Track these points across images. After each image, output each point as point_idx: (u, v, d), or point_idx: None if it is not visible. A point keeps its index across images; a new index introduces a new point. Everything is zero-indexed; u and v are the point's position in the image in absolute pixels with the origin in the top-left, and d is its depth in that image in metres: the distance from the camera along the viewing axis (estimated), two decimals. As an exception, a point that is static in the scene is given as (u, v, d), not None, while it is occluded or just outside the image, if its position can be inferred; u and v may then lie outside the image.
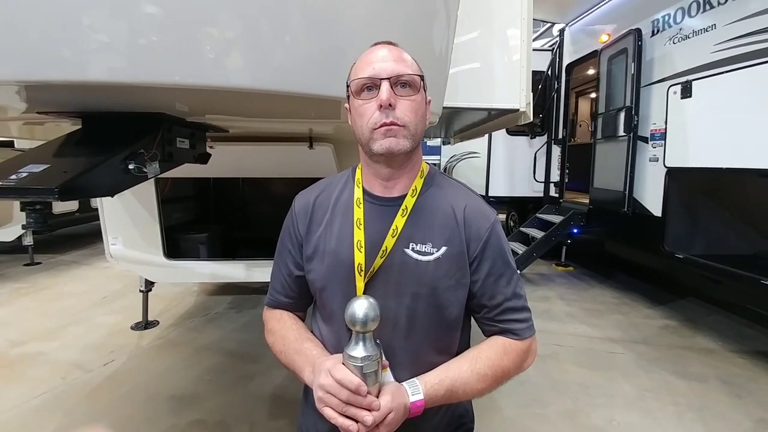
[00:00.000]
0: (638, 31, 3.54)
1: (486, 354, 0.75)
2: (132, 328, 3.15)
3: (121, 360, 2.65)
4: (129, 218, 2.81)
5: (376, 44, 0.76)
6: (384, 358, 0.70)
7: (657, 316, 3.57)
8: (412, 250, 0.75)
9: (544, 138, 5.47)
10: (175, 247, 2.94)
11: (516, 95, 2.35)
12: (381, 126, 0.69)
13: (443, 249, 0.75)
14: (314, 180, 0.97)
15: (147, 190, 2.72)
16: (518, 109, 2.34)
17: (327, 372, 0.65)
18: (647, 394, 2.35)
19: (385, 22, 1.17)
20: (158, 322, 3.26)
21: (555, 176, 5.34)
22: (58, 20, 0.78)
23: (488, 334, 0.81)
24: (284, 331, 0.82)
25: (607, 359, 2.79)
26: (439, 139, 7.52)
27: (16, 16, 0.76)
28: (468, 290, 0.77)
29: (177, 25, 0.85)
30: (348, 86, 0.75)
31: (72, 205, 5.59)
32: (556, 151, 5.31)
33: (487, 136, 5.40)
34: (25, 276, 4.51)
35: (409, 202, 0.77)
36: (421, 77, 0.73)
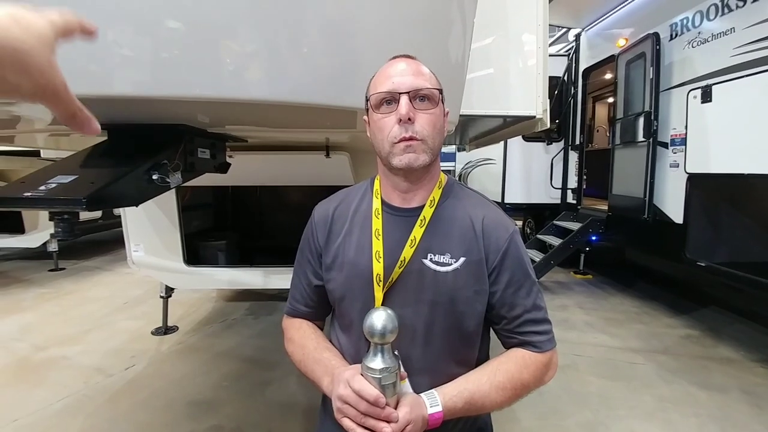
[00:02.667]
0: (656, 35, 3.49)
1: (505, 366, 0.75)
2: (152, 333, 3.21)
3: (141, 365, 2.70)
4: (150, 226, 2.88)
5: (394, 58, 0.77)
6: (402, 369, 0.70)
7: (678, 326, 3.46)
8: (431, 260, 0.75)
9: (561, 144, 5.40)
10: (194, 254, 3.00)
11: (532, 102, 2.34)
12: (401, 141, 0.70)
13: (462, 260, 0.75)
14: (331, 188, 0.99)
15: (168, 198, 2.79)
16: (534, 116, 2.32)
17: (346, 383, 0.65)
18: (668, 406, 2.28)
19: (401, 32, 1.18)
20: (177, 328, 3.32)
21: (572, 182, 5.26)
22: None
23: (508, 346, 0.80)
24: (303, 340, 0.83)
25: (628, 369, 2.71)
26: (453, 146, 7.51)
27: None
28: (487, 301, 0.77)
29: (198, 39, 0.88)
30: (367, 99, 0.76)
31: (95, 213, 5.75)
32: (573, 156, 5.23)
33: (502, 142, 5.37)
34: (50, 281, 4.65)
35: (427, 212, 0.77)
36: (440, 90, 0.74)
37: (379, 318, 0.63)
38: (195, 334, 3.23)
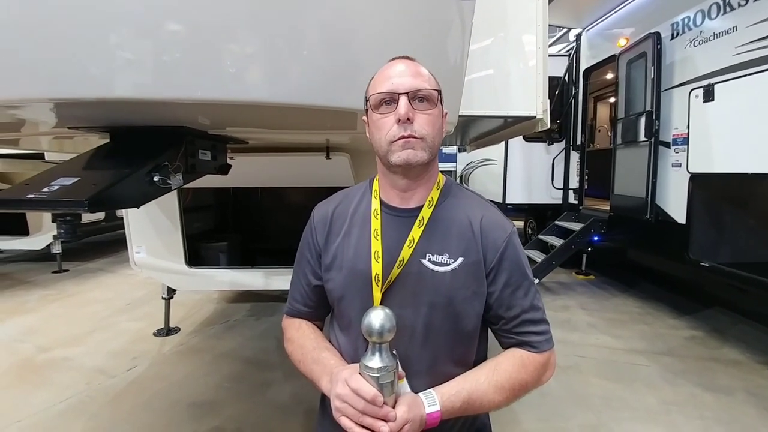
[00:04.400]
0: (657, 34, 3.48)
1: (503, 366, 0.75)
2: (154, 334, 3.22)
3: (143, 366, 2.71)
4: (153, 227, 2.89)
5: (394, 59, 0.77)
6: (400, 369, 0.70)
7: (682, 327, 3.44)
8: (429, 260, 0.75)
9: (562, 144, 5.39)
10: (196, 256, 3.01)
11: (532, 102, 2.33)
12: (399, 139, 0.71)
13: (460, 260, 0.75)
14: (332, 189, 0.99)
15: (170, 200, 2.81)
16: (535, 116, 2.32)
17: (344, 382, 0.66)
18: (672, 408, 2.27)
19: (400, 34, 1.19)
20: (179, 329, 3.33)
21: (574, 183, 5.25)
22: (86, 41, 0.82)
23: (506, 347, 0.80)
24: (303, 340, 0.83)
25: (631, 371, 2.70)
26: (455, 147, 7.51)
27: (48, 37, 0.80)
28: (485, 301, 0.77)
29: (198, 42, 0.89)
30: (366, 100, 0.76)
31: (98, 215, 5.78)
32: (575, 157, 5.23)
33: (503, 142, 5.37)
34: (54, 283, 4.68)
35: (425, 212, 0.77)
36: (439, 92, 0.75)
37: (377, 317, 0.64)
38: (197, 335, 3.24)
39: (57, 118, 1.19)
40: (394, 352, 0.67)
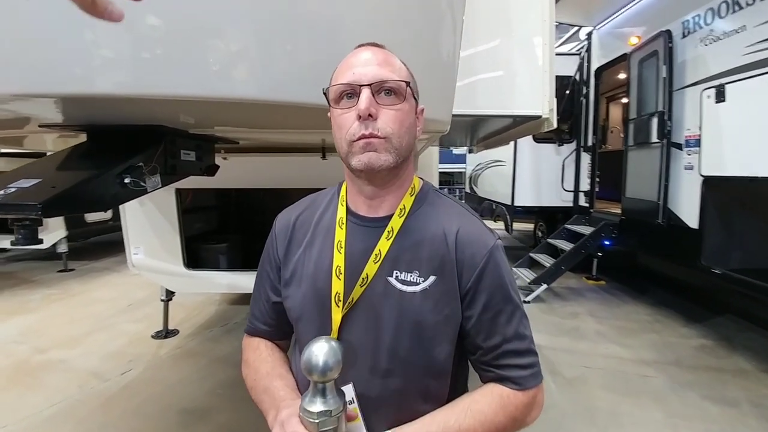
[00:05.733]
0: (668, 32, 3.34)
1: (479, 406, 0.65)
2: (152, 336, 3.19)
3: (138, 370, 2.67)
4: (151, 228, 2.86)
5: (360, 46, 0.68)
6: (355, 406, 0.62)
7: (692, 335, 3.30)
8: (396, 278, 0.66)
9: (573, 145, 5.25)
10: (194, 257, 2.97)
11: (539, 101, 2.25)
12: (359, 138, 0.61)
13: (431, 279, 0.65)
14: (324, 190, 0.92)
15: (168, 200, 2.78)
16: (541, 116, 2.23)
17: (281, 425, 0.58)
18: (679, 422, 2.15)
19: (390, 28, 1.11)
20: (178, 331, 3.29)
21: (584, 185, 5.11)
22: (63, 34, 0.76)
23: (485, 380, 0.70)
24: (258, 363, 0.76)
25: (639, 383, 2.57)
26: (465, 148, 7.40)
27: (21, 30, 0.75)
28: (460, 327, 0.68)
29: (179, 36, 0.83)
30: (325, 94, 0.67)
31: (105, 214, 5.82)
32: (586, 158, 5.08)
33: (512, 143, 5.25)
34: (58, 282, 4.70)
35: (395, 223, 0.68)
36: (408, 83, 0.65)
37: (320, 350, 0.55)
38: (195, 338, 3.20)
39: (29, 115, 1.14)
40: (345, 388, 0.60)
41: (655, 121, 3.48)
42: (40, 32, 0.76)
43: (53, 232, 5.08)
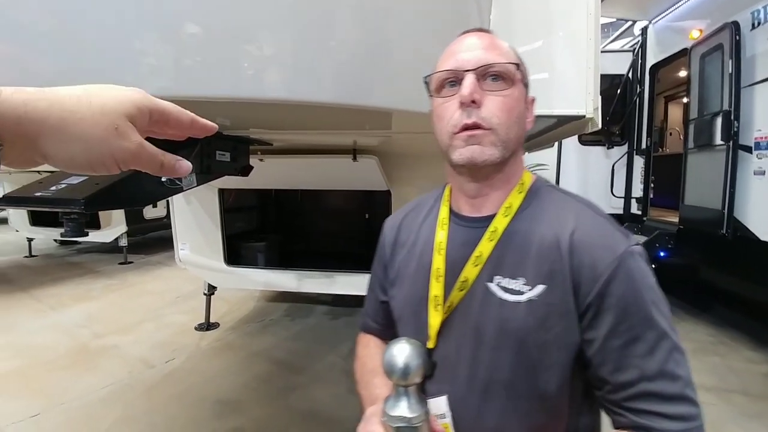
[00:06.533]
0: (735, 24, 3.04)
1: None
2: (195, 328, 3.37)
3: (180, 359, 2.83)
4: (196, 226, 3.03)
5: (464, 33, 0.63)
6: (448, 420, 0.56)
7: (761, 360, 2.95)
8: (498, 285, 0.58)
9: (624, 148, 4.92)
10: (235, 255, 3.11)
11: (582, 100, 2.12)
12: (462, 130, 0.56)
13: (539, 288, 0.55)
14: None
15: (211, 200, 2.93)
16: (584, 116, 2.10)
17: (365, 421, 0.56)
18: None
19: (418, 23, 1.09)
20: (219, 325, 3.45)
21: (637, 191, 4.77)
22: (114, 45, 0.83)
23: (617, 426, 0.56)
24: (365, 359, 0.76)
25: (697, 409, 2.34)
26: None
27: (81, 40, 0.82)
28: (578, 352, 0.55)
29: (217, 38, 0.86)
30: (426, 83, 0.63)
31: (160, 212, 6.25)
32: (639, 162, 4.74)
33: (556, 146, 5.01)
34: (118, 274, 5.10)
35: (499, 222, 0.60)
36: (517, 66, 0.58)
37: (401, 352, 0.51)
38: (233, 332, 3.34)
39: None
40: (443, 399, 0.55)
41: (719, 121, 3.17)
42: (95, 44, 0.82)
43: (116, 227, 5.54)
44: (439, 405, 0.58)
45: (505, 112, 0.57)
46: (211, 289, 3.36)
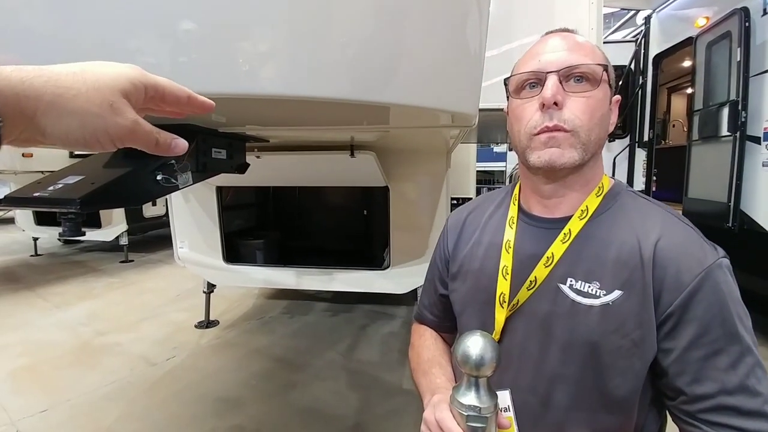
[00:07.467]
0: (745, 10, 2.97)
1: None
2: (195, 326, 3.36)
3: (181, 357, 2.83)
4: (194, 223, 3.01)
5: (547, 33, 0.62)
6: (512, 414, 0.57)
7: (765, 355, 2.93)
8: (570, 287, 0.58)
9: (625, 140, 4.87)
10: (233, 252, 3.09)
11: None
12: (541, 132, 0.55)
13: (616, 293, 0.55)
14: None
15: (209, 197, 2.90)
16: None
17: (433, 407, 0.55)
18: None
19: (413, 13, 1.06)
20: (218, 322, 3.45)
21: (639, 184, 4.72)
22: (108, 41, 0.80)
23: None
24: (421, 348, 0.77)
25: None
26: (505, 145, 7.14)
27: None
28: (653, 360, 0.55)
29: (210, 35, 0.83)
30: (506, 84, 0.62)
31: (160, 210, 6.24)
32: (641, 155, 4.69)
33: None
34: (119, 272, 5.10)
35: (574, 225, 0.60)
36: (605, 68, 0.56)
37: (476, 344, 0.51)
38: (233, 329, 3.34)
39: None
40: (506, 393, 0.57)
41: (726, 111, 3.12)
42: (94, 45, 0.79)
43: (116, 226, 5.54)
44: (504, 398, 0.59)
45: (587, 114, 0.56)
46: (211, 287, 3.35)
